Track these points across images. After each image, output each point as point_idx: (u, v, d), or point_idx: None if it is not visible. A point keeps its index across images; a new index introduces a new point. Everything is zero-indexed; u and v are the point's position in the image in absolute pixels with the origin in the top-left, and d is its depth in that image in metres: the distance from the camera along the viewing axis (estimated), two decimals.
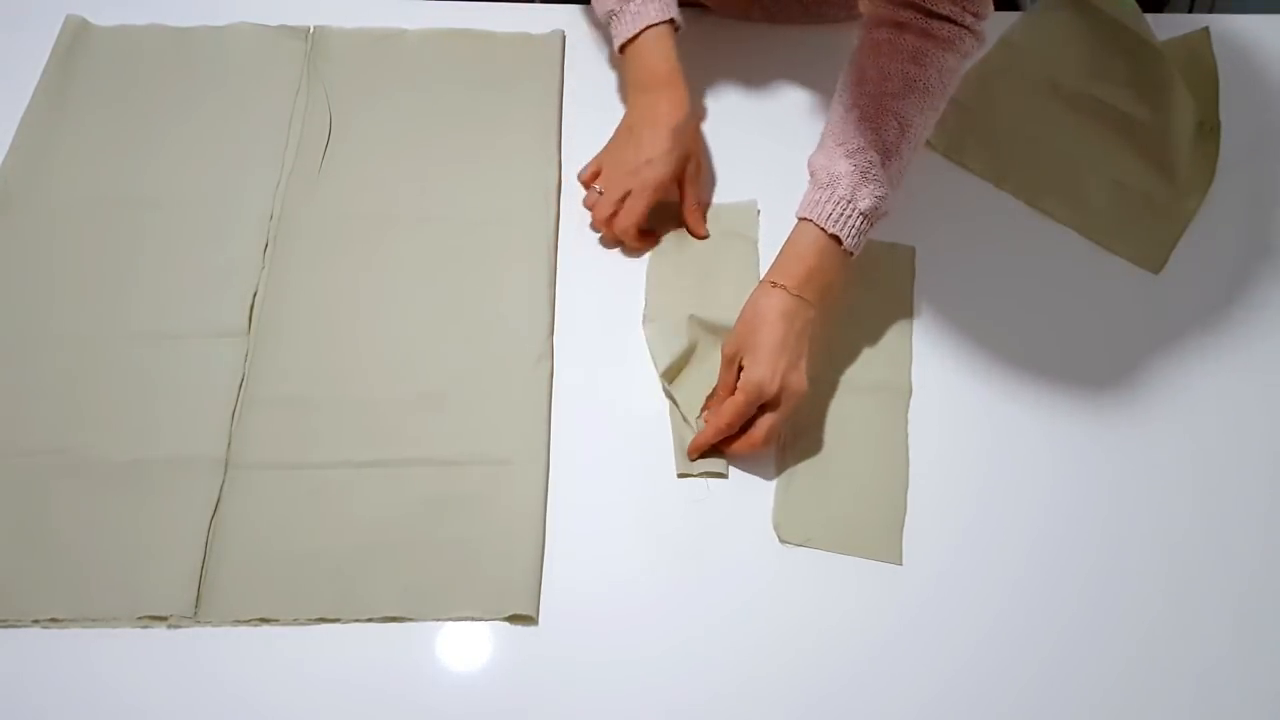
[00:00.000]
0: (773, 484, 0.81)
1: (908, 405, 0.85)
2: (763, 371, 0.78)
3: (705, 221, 0.93)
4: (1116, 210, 0.97)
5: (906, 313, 0.90)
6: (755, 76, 1.05)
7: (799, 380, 0.80)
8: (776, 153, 0.96)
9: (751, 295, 0.82)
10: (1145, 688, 0.74)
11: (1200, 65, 1.01)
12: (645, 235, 0.92)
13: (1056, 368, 0.87)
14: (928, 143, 0.99)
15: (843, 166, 0.80)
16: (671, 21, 0.91)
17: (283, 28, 1.05)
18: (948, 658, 0.75)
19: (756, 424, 0.80)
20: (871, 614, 0.76)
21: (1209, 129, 0.99)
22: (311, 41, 1.04)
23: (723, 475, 0.81)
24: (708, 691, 0.73)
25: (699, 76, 1.04)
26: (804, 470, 0.81)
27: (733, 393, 0.80)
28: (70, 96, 0.99)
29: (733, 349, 0.81)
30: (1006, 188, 0.98)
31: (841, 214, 0.80)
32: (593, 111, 1.00)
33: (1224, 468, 0.83)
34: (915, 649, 0.75)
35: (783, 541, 0.79)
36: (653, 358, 0.85)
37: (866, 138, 0.80)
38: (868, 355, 0.88)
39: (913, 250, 0.93)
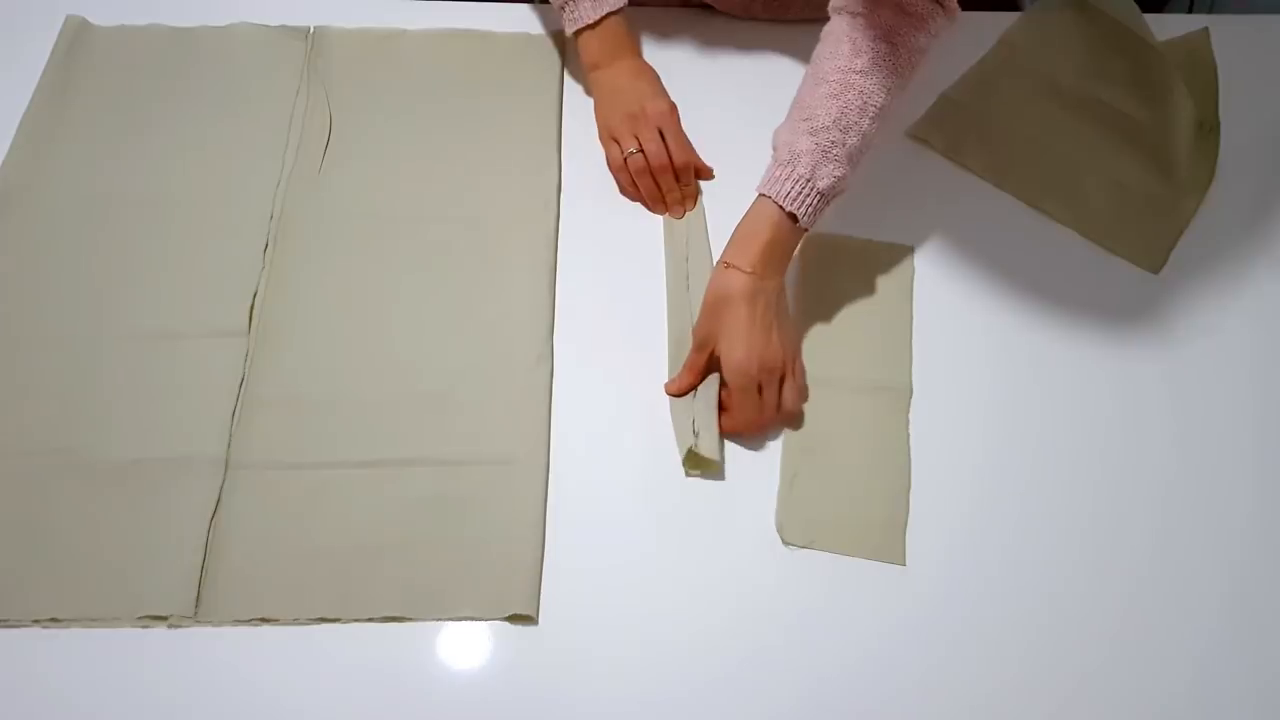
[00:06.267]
0: (775, 486, 0.81)
1: (908, 405, 0.85)
2: (740, 355, 0.81)
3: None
4: (1116, 210, 0.97)
5: (906, 313, 0.90)
6: (760, 73, 1.05)
7: (774, 351, 0.82)
8: None
9: (711, 279, 0.84)
10: (1147, 687, 0.74)
11: (1200, 65, 1.01)
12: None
13: (1056, 368, 0.88)
14: (927, 142, 1.00)
15: (804, 144, 0.81)
16: (622, 10, 0.97)
17: (283, 28, 1.05)
18: (952, 658, 0.74)
19: (764, 406, 0.82)
20: (875, 615, 0.76)
21: (1209, 129, 0.99)
22: (311, 41, 1.04)
23: (715, 466, 0.81)
24: (709, 693, 0.73)
25: (703, 75, 1.05)
26: (806, 472, 0.81)
27: (700, 374, 0.83)
28: (70, 96, 0.99)
29: (703, 334, 0.83)
30: (1006, 188, 0.98)
31: (800, 192, 0.81)
32: (593, 111, 1.00)
33: (1224, 467, 0.83)
34: (919, 650, 0.75)
35: (786, 543, 0.79)
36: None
37: (831, 115, 0.81)
38: (868, 355, 0.88)
39: (912, 250, 0.94)
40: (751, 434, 0.83)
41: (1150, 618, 0.77)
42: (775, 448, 0.83)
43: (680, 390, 0.84)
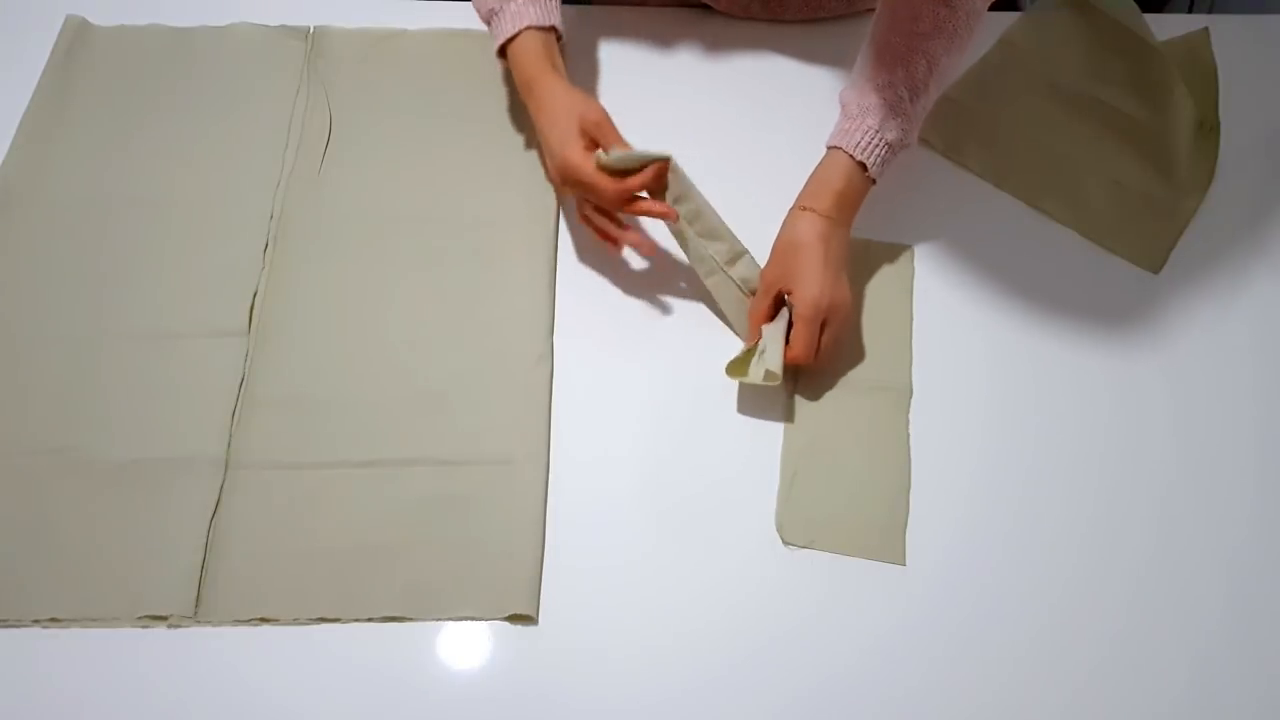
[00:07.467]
0: (775, 486, 0.81)
1: (908, 405, 0.85)
2: (815, 291, 0.82)
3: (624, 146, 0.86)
4: (1116, 210, 0.97)
5: (906, 313, 0.90)
6: (758, 74, 1.05)
7: (844, 293, 0.84)
8: (781, 150, 0.96)
9: (785, 222, 0.85)
10: (1147, 687, 0.74)
11: (1200, 65, 1.01)
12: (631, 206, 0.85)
13: (1056, 368, 0.88)
14: (927, 142, 1.00)
15: (873, 99, 0.84)
16: (554, 29, 0.90)
17: (283, 28, 1.05)
18: (951, 658, 0.74)
19: (821, 345, 0.83)
20: (875, 615, 0.76)
21: (1208, 129, 0.99)
22: (311, 41, 1.04)
23: (777, 379, 0.81)
24: (710, 692, 0.73)
25: (701, 74, 1.05)
26: (806, 472, 0.81)
27: (769, 317, 0.84)
28: (70, 96, 0.99)
29: (773, 276, 0.84)
30: (1006, 188, 0.98)
31: (870, 143, 0.84)
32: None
33: (1224, 466, 0.83)
34: (919, 650, 0.75)
35: (786, 543, 0.79)
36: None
37: (897, 74, 0.84)
38: (868, 355, 0.88)
39: (913, 250, 0.94)
40: (801, 366, 0.84)
41: (1150, 618, 0.77)
42: (775, 448, 0.83)
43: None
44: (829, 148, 0.86)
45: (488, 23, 0.92)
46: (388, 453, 0.81)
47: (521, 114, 1.00)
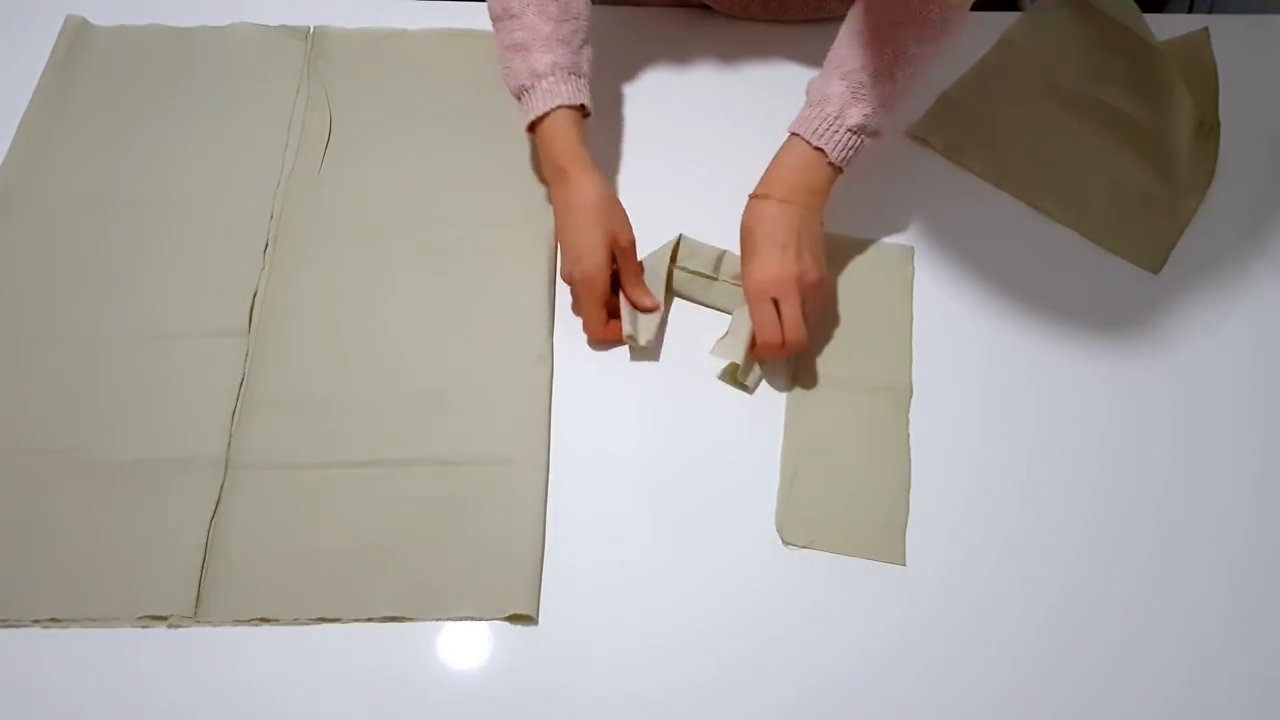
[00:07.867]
0: (775, 486, 0.81)
1: (908, 405, 0.85)
2: (754, 273, 0.82)
3: (646, 293, 0.87)
4: (1116, 210, 0.97)
5: (906, 313, 0.90)
6: (758, 74, 1.05)
7: (789, 266, 0.82)
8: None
9: (742, 215, 0.85)
10: (1147, 687, 0.74)
11: (1200, 65, 1.01)
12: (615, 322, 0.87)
13: (1056, 368, 0.88)
14: (927, 142, 1.00)
15: (835, 87, 0.84)
16: (583, 108, 0.88)
17: (283, 28, 1.05)
18: (951, 658, 0.75)
19: (783, 324, 0.82)
20: (875, 615, 0.76)
21: (1208, 129, 0.99)
22: (311, 41, 1.04)
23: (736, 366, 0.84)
24: (709, 693, 0.73)
25: (701, 75, 1.05)
26: (806, 472, 0.81)
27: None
28: (70, 96, 0.99)
29: (742, 273, 0.85)
30: (1006, 188, 0.98)
31: (828, 129, 0.84)
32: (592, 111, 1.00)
33: (1224, 466, 0.83)
34: (919, 650, 0.75)
35: (786, 543, 0.79)
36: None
37: (861, 61, 0.83)
38: (868, 355, 0.88)
39: (912, 250, 0.94)
40: (775, 355, 0.84)
41: (1150, 618, 0.77)
42: (775, 448, 0.83)
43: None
44: (789, 133, 0.86)
45: (518, 98, 0.90)
46: (387, 453, 0.81)
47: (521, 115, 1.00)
